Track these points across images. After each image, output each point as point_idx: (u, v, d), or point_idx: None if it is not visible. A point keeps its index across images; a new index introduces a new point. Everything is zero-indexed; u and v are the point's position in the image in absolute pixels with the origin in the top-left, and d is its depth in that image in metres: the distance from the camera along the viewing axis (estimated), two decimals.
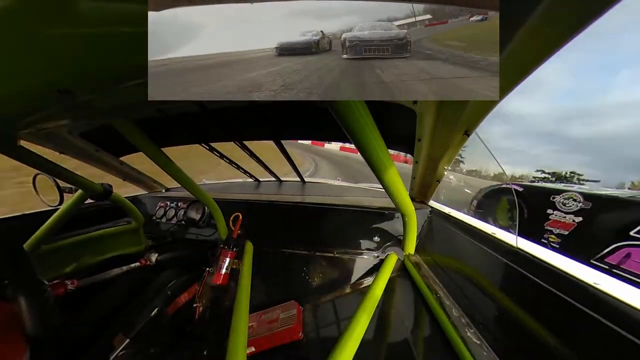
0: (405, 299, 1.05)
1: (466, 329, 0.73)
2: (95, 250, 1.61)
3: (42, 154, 1.04)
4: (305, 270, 1.45)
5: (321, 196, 1.72)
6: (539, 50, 0.40)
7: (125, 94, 0.53)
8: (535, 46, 0.39)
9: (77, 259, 1.52)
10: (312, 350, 1.06)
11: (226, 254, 1.41)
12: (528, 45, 0.39)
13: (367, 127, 0.62)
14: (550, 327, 0.58)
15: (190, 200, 1.79)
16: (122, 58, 0.39)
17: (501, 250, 0.79)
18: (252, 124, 1.30)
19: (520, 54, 0.41)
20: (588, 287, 0.55)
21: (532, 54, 0.41)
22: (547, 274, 0.63)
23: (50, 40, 0.33)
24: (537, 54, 0.40)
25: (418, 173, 1.18)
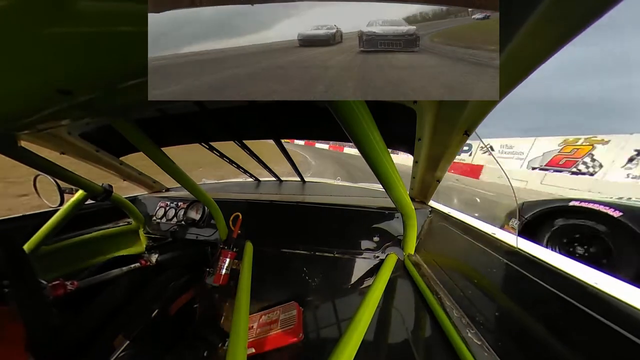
0: (406, 299, 1.05)
1: (466, 329, 0.73)
2: (95, 250, 1.61)
3: (42, 154, 1.04)
4: (305, 271, 1.45)
5: (321, 196, 1.72)
6: (539, 50, 0.40)
7: (125, 94, 0.53)
8: (535, 46, 0.39)
9: (77, 259, 1.52)
10: (313, 352, 1.06)
11: (226, 254, 1.41)
12: (528, 45, 0.39)
13: (367, 127, 0.62)
14: (551, 327, 0.58)
15: (190, 201, 1.79)
16: (122, 58, 0.39)
17: (501, 251, 0.79)
18: (252, 123, 1.30)
19: (520, 54, 0.41)
20: (588, 287, 0.55)
21: (532, 54, 0.41)
22: (547, 274, 0.63)
23: (50, 40, 0.33)
24: (537, 54, 0.40)
25: (418, 173, 1.18)
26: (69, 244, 1.47)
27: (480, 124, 0.70)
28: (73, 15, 0.29)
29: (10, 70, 0.39)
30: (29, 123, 0.74)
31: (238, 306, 0.97)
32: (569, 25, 0.34)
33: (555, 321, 0.58)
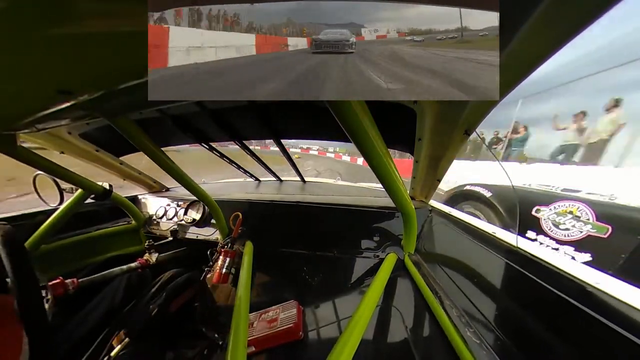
0: (405, 298, 1.05)
1: (466, 328, 0.73)
2: (95, 250, 1.62)
3: (42, 153, 1.04)
4: (306, 270, 1.45)
5: (321, 196, 1.72)
6: (539, 50, 0.40)
7: (125, 94, 0.53)
8: (535, 46, 0.39)
9: (77, 258, 1.52)
10: (312, 350, 1.06)
11: (226, 254, 1.41)
12: (528, 45, 0.39)
13: (367, 127, 0.62)
14: (551, 327, 0.59)
15: (191, 200, 1.80)
16: (122, 58, 0.39)
17: (501, 250, 0.80)
18: (252, 124, 1.30)
19: (520, 54, 0.41)
20: (588, 287, 0.55)
21: (532, 54, 0.41)
22: (547, 274, 0.63)
23: (50, 41, 0.33)
24: (537, 54, 0.40)
25: (418, 172, 1.18)
26: (69, 242, 1.47)
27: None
28: (73, 15, 0.29)
29: (11, 71, 0.39)
30: (30, 123, 0.74)
31: (238, 305, 0.97)
32: (569, 25, 0.34)
33: (555, 321, 0.58)
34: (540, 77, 3.20)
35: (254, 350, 1.10)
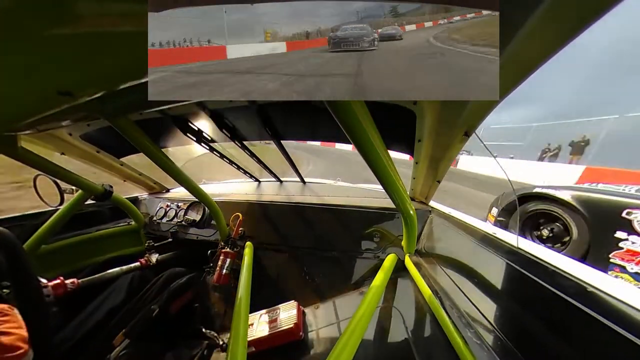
0: (406, 299, 1.05)
1: (466, 329, 0.73)
2: (95, 250, 1.62)
3: (42, 154, 1.04)
4: (306, 270, 1.45)
5: (321, 196, 1.72)
6: (539, 50, 0.40)
7: (126, 95, 0.54)
8: (535, 46, 0.39)
9: (77, 259, 1.53)
10: (313, 350, 1.06)
11: (226, 254, 1.41)
12: (528, 45, 0.39)
13: (367, 127, 0.62)
14: (551, 327, 0.58)
15: (191, 201, 1.80)
16: (122, 58, 0.39)
17: (502, 251, 0.79)
18: (252, 124, 1.30)
19: (520, 54, 0.41)
20: (588, 287, 0.55)
21: (532, 54, 0.41)
22: (547, 274, 0.63)
23: (50, 42, 0.33)
24: (537, 54, 0.40)
25: (418, 173, 1.18)
26: (70, 243, 1.47)
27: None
28: (73, 16, 0.29)
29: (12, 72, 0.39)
30: (31, 124, 0.75)
31: (238, 305, 0.97)
32: (569, 25, 0.34)
33: (555, 321, 0.58)
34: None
35: (254, 351, 1.10)
